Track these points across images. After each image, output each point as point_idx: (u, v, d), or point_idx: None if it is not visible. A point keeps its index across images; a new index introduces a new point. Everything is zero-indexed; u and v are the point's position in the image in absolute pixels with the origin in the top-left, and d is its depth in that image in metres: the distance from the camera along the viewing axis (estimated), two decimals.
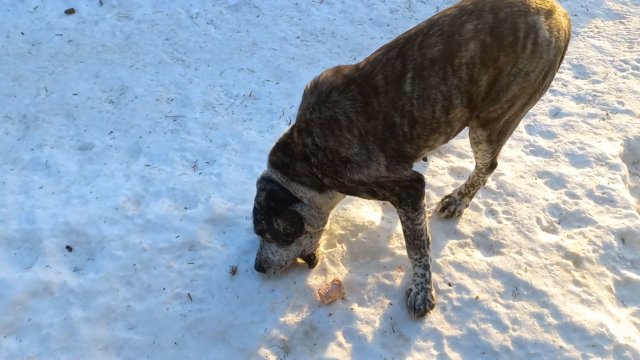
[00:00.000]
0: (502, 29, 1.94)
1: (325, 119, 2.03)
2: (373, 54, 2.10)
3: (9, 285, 2.28)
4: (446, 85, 1.97)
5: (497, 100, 2.05)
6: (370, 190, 2.12)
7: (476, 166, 2.53)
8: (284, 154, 2.19)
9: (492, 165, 2.52)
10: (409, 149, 2.09)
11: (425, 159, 2.87)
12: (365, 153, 2.04)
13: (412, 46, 1.98)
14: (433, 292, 2.28)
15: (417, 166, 2.87)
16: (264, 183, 2.25)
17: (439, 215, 2.63)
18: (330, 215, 2.41)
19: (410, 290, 2.28)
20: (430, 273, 2.27)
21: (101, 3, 4.05)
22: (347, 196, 2.35)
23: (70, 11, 3.99)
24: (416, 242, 2.22)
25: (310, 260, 2.37)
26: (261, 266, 2.31)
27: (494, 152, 2.33)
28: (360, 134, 2.03)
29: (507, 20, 1.94)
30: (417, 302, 2.23)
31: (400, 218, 2.21)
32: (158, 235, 2.51)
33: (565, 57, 3.78)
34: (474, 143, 2.30)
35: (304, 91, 2.11)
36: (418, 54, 1.97)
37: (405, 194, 2.12)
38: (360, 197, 2.19)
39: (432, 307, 2.26)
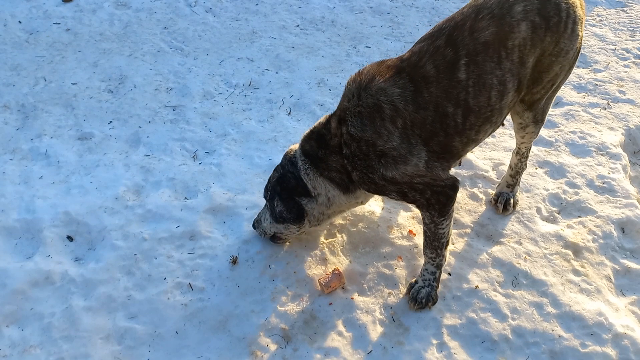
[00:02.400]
0: (548, 9, 1.95)
1: (366, 106, 1.93)
2: (416, 45, 2.02)
3: (10, 275, 2.29)
4: (500, 69, 1.92)
5: (540, 81, 2.06)
6: (400, 191, 2.02)
7: (517, 152, 2.51)
8: (319, 146, 2.10)
9: (529, 150, 2.52)
10: (457, 143, 2.00)
11: (460, 163, 2.83)
12: (405, 147, 1.93)
13: (461, 32, 1.91)
14: (438, 290, 2.26)
15: None
16: (285, 162, 2.23)
17: (503, 214, 2.59)
18: (331, 220, 2.39)
19: (416, 282, 2.25)
20: (440, 272, 2.23)
21: None
22: (368, 201, 2.32)
23: None
24: (435, 243, 2.16)
25: (275, 240, 2.40)
26: (254, 224, 2.41)
27: (539, 130, 2.37)
28: (405, 125, 1.92)
29: (551, 0, 1.95)
30: (420, 295, 2.20)
31: (424, 220, 2.13)
32: (158, 225, 2.52)
33: None
34: (521, 128, 2.31)
35: (347, 81, 2.04)
36: (469, 38, 1.90)
37: (435, 200, 2.03)
38: (388, 197, 2.10)
39: (434, 303, 2.23)
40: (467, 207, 2.66)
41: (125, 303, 2.24)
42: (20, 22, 3.77)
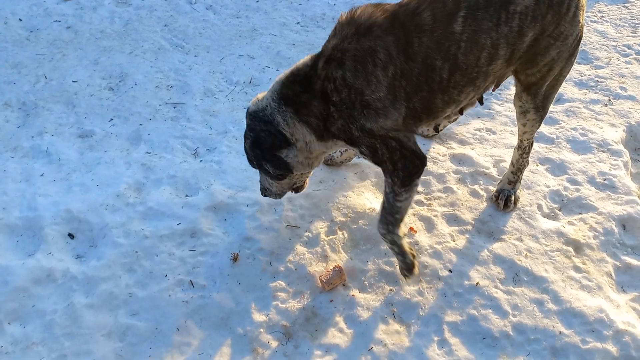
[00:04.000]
0: None
1: (362, 50, 1.86)
2: None
3: (12, 272, 2.29)
4: (497, 32, 1.90)
5: (535, 64, 2.05)
6: (372, 146, 1.98)
7: (519, 147, 2.49)
8: (304, 89, 1.97)
9: (531, 145, 2.50)
10: (439, 101, 1.98)
11: (437, 131, 2.81)
12: (390, 99, 1.90)
13: None
14: (411, 256, 2.20)
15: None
16: (255, 124, 2.08)
17: (504, 211, 2.59)
18: (321, 160, 2.30)
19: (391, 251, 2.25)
20: (399, 248, 2.17)
21: None
22: (334, 151, 2.27)
23: None
24: (389, 217, 2.11)
25: (297, 190, 2.41)
26: (263, 193, 2.37)
27: (541, 121, 2.34)
28: (394, 75, 1.88)
29: None
30: (403, 268, 2.22)
31: (385, 188, 2.09)
32: (159, 222, 2.52)
33: None
34: (522, 112, 2.29)
35: (339, 21, 1.95)
36: None
37: (402, 165, 2.00)
38: (358, 150, 2.04)
39: (410, 268, 2.20)
40: (468, 204, 2.66)
41: (126, 300, 2.25)
42: (20, 19, 3.77)
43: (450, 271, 2.38)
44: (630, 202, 2.65)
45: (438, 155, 2.90)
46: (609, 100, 3.29)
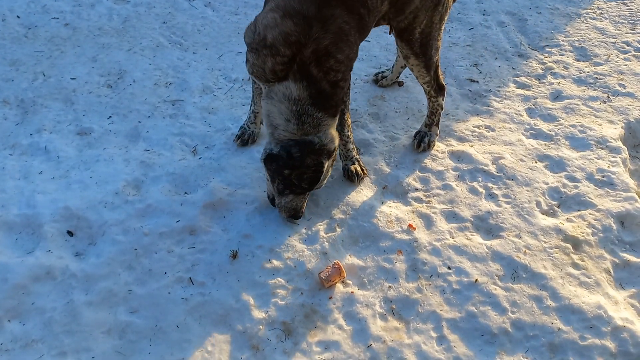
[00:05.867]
0: None
1: (336, 34, 2.19)
2: None
3: (11, 269, 2.29)
4: None
5: (402, 12, 2.43)
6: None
7: (425, 92, 2.82)
8: (329, 102, 2.27)
9: (440, 88, 2.79)
10: (364, 35, 2.40)
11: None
12: (355, 49, 2.32)
13: None
14: (361, 161, 2.74)
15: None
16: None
17: (417, 150, 2.87)
18: None
19: (347, 164, 2.71)
20: (355, 146, 2.73)
21: None
22: None
23: None
24: (349, 119, 2.62)
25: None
26: (295, 215, 2.49)
27: (428, 68, 2.64)
28: (354, 35, 2.27)
29: None
30: (357, 172, 2.68)
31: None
32: (158, 219, 2.52)
33: (567, 38, 3.75)
34: (405, 58, 2.64)
35: (289, 32, 2.15)
36: None
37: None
38: None
39: (365, 172, 2.72)
40: (467, 201, 2.66)
41: (126, 297, 2.25)
42: (18, 16, 3.76)
43: (449, 268, 2.38)
44: (628, 199, 2.66)
45: (437, 152, 2.90)
46: (608, 97, 3.29)
